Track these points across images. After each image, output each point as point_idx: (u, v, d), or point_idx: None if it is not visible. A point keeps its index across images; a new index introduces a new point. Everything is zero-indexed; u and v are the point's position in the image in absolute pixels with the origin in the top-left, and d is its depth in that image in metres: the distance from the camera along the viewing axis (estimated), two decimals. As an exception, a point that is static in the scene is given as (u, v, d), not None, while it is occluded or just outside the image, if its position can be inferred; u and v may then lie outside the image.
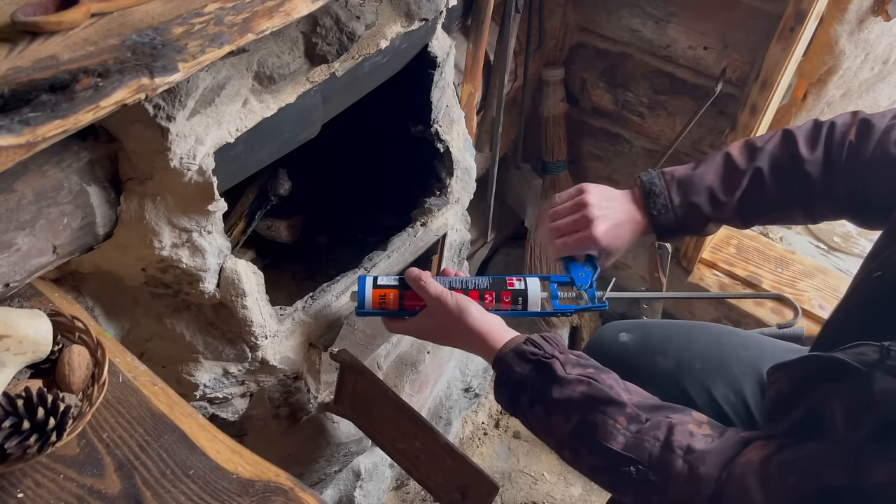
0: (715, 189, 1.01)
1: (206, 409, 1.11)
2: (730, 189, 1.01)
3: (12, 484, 0.68)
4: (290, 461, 1.28)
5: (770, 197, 1.00)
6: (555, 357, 0.88)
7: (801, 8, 1.46)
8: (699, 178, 1.02)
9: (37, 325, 0.73)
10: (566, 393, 0.84)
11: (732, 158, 1.02)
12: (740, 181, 1.00)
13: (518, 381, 0.88)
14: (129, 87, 0.63)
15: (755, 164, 1.00)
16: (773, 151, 1.00)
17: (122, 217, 0.85)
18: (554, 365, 0.86)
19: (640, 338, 1.17)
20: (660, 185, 1.03)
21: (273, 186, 1.26)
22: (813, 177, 0.97)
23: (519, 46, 1.71)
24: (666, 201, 1.02)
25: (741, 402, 1.07)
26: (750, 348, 1.12)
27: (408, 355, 1.48)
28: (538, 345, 0.90)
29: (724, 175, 1.01)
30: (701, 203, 1.01)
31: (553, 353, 0.88)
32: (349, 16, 0.94)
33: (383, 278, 1.06)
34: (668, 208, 1.02)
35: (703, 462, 0.75)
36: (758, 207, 1.02)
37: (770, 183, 0.99)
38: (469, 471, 1.10)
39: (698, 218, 1.03)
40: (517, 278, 1.05)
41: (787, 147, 1.00)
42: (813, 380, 0.73)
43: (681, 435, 0.77)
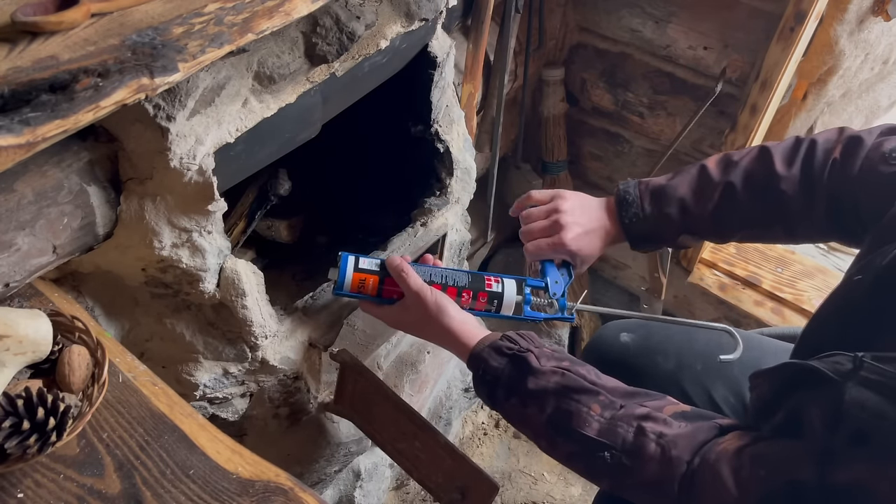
0: (687, 200, 1.02)
1: (206, 409, 1.11)
2: (701, 201, 1.01)
3: (12, 484, 0.68)
4: (290, 461, 1.28)
5: (744, 212, 1.00)
6: (530, 350, 0.89)
7: (801, 8, 1.46)
8: (672, 189, 1.03)
9: (37, 325, 0.73)
10: (541, 384, 0.86)
11: (707, 171, 1.03)
12: (712, 194, 1.01)
13: (494, 375, 0.89)
14: (129, 87, 0.64)
15: (728, 178, 1.00)
16: (748, 167, 1.00)
17: (122, 217, 0.85)
18: (529, 358, 0.88)
19: (641, 338, 1.17)
20: (634, 193, 1.04)
21: (273, 186, 1.26)
22: (789, 194, 0.97)
23: (519, 46, 1.71)
24: (638, 210, 1.03)
25: (740, 403, 1.08)
26: (751, 349, 1.12)
27: (408, 355, 1.48)
28: (513, 340, 0.91)
29: (697, 187, 1.02)
30: (672, 213, 1.02)
31: (528, 347, 0.90)
32: (349, 16, 0.94)
33: (365, 260, 1.05)
34: (640, 217, 1.03)
35: (675, 445, 0.76)
36: (732, 222, 1.02)
37: (743, 198, 0.99)
38: (469, 471, 1.10)
39: (670, 228, 1.03)
40: (495, 279, 1.06)
41: (763, 163, 0.99)
42: (791, 386, 0.74)
43: (654, 420, 0.79)
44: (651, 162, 1.92)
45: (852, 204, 0.93)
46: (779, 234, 1.04)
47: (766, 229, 1.03)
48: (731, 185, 1.00)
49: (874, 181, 0.90)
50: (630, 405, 0.82)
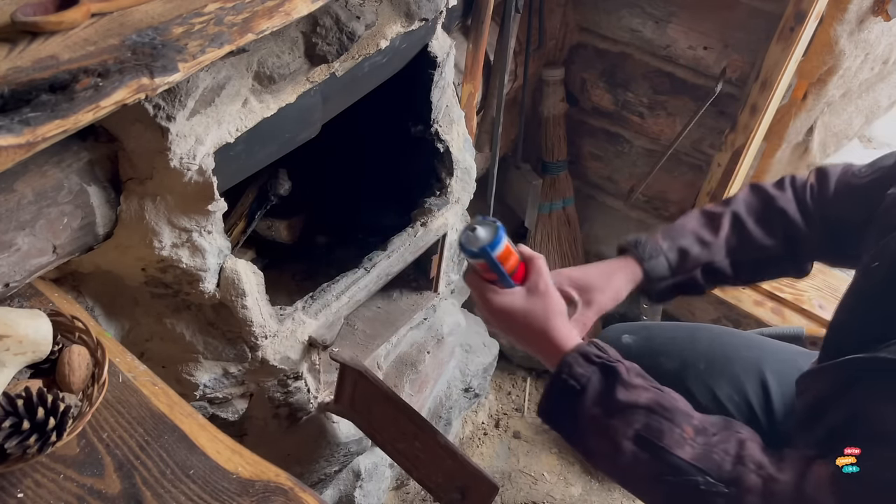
0: (699, 232, 1.03)
1: (206, 409, 1.11)
2: (713, 229, 1.03)
3: (12, 484, 0.68)
4: (290, 461, 1.28)
5: (754, 238, 1.03)
6: (620, 362, 0.85)
7: (801, 8, 1.46)
8: (680, 226, 1.05)
9: (37, 325, 0.73)
10: (631, 397, 0.81)
11: (706, 209, 1.06)
12: (720, 222, 1.03)
13: (580, 381, 0.84)
14: (129, 87, 0.63)
15: (731, 209, 1.04)
16: (744, 198, 1.05)
17: (122, 217, 0.85)
18: (619, 368, 0.84)
19: (644, 339, 1.17)
20: (644, 239, 1.04)
21: (273, 186, 1.26)
22: (790, 214, 1.02)
23: (519, 46, 1.71)
24: (655, 247, 1.03)
25: (744, 401, 1.08)
26: (752, 348, 1.12)
27: (408, 355, 1.48)
28: (602, 349, 0.86)
29: (705, 220, 1.05)
30: (688, 245, 1.02)
31: (618, 358, 0.86)
32: (349, 16, 0.93)
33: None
34: (659, 251, 1.02)
35: (777, 480, 0.74)
36: (745, 251, 1.03)
37: (750, 224, 1.03)
38: (469, 471, 1.10)
39: (691, 262, 1.03)
40: None
41: (757, 193, 1.05)
42: (851, 383, 0.73)
43: (752, 450, 0.77)
44: (651, 162, 1.92)
45: (841, 221, 0.98)
46: (788, 266, 1.06)
47: (778, 260, 1.04)
48: (735, 213, 1.04)
49: (850, 194, 0.98)
50: (724, 433, 0.79)
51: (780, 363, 1.12)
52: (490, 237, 0.84)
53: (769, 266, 1.06)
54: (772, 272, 1.08)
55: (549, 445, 1.91)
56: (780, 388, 1.10)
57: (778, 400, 1.09)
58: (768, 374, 1.10)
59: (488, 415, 1.97)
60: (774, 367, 1.11)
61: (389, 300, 1.45)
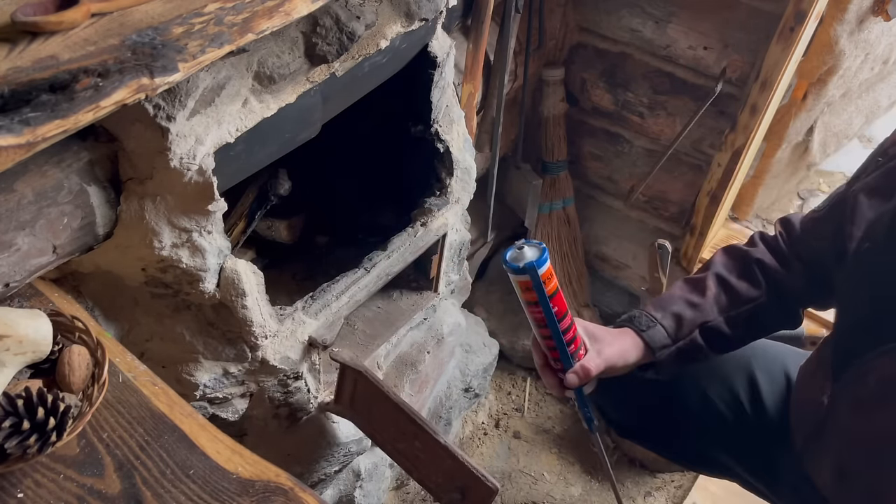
0: (686, 296, 1.07)
1: (206, 409, 1.11)
2: (700, 292, 1.07)
3: (12, 484, 0.68)
4: (290, 461, 1.28)
5: (740, 292, 1.06)
6: None
7: (801, 8, 1.46)
8: (668, 297, 1.09)
9: (37, 325, 0.73)
10: None
11: (688, 278, 1.11)
12: (705, 284, 1.07)
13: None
14: (129, 87, 0.63)
15: (711, 271, 1.09)
16: (721, 260, 1.10)
17: (122, 217, 0.85)
18: None
19: None
20: (637, 312, 1.07)
21: (273, 186, 1.26)
22: (766, 262, 1.06)
23: (519, 46, 1.71)
24: (648, 318, 1.05)
25: (734, 399, 1.09)
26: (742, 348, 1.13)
27: (408, 355, 1.48)
28: None
29: (689, 287, 1.09)
30: (680, 310, 1.05)
31: None
32: (349, 16, 0.93)
33: None
34: (654, 321, 1.05)
35: None
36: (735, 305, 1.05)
37: (733, 280, 1.06)
38: (469, 471, 1.10)
39: (687, 326, 1.04)
40: None
41: (731, 252, 1.10)
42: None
43: None
44: (651, 162, 1.92)
45: (816, 259, 1.03)
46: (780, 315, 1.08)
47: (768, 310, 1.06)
48: (716, 274, 1.08)
49: (814, 229, 1.05)
50: None
51: (769, 361, 1.13)
52: (536, 256, 0.89)
53: (762, 319, 1.07)
54: (766, 325, 1.09)
55: (549, 445, 1.91)
56: (770, 386, 1.10)
57: (768, 398, 1.10)
58: (757, 372, 1.11)
59: (488, 415, 1.97)
60: (763, 365, 1.12)
61: (389, 300, 1.45)
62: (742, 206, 2.08)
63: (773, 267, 1.06)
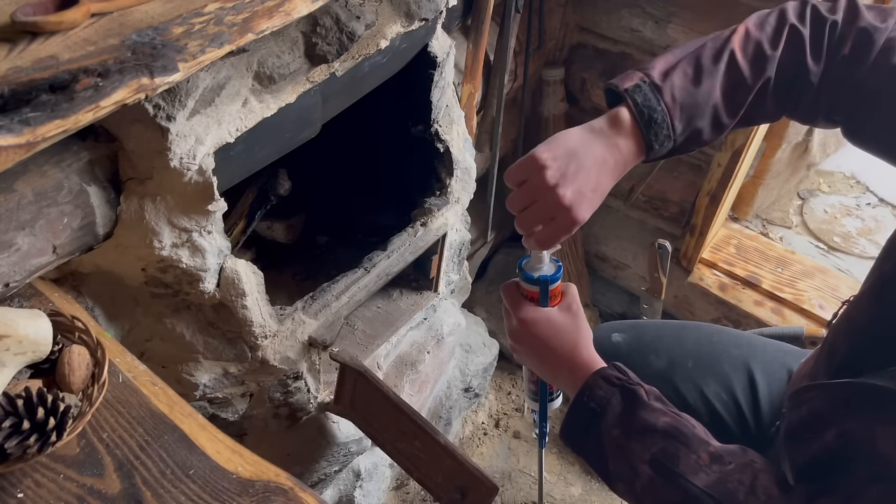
0: (720, 110, 0.85)
1: (206, 408, 1.11)
2: (734, 109, 0.86)
3: (12, 484, 0.68)
4: (290, 461, 1.28)
5: (766, 110, 0.88)
6: (640, 385, 0.84)
7: (801, 8, 1.46)
8: (704, 98, 0.84)
9: (37, 325, 0.73)
10: (650, 420, 0.80)
11: (739, 68, 0.84)
12: (745, 98, 0.85)
13: (600, 404, 0.83)
14: (129, 87, 0.64)
15: (763, 77, 0.84)
16: (783, 60, 0.84)
17: (122, 217, 0.85)
18: (639, 391, 0.83)
19: (633, 337, 1.18)
20: (660, 110, 0.82)
21: (273, 186, 1.26)
22: (813, 88, 0.85)
23: (519, 46, 1.71)
24: (669, 131, 0.83)
25: (732, 399, 1.09)
26: (741, 346, 1.13)
27: (408, 355, 1.48)
28: (623, 371, 0.86)
29: (730, 92, 0.85)
30: (703, 128, 0.85)
31: (638, 381, 0.85)
32: (349, 16, 0.94)
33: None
34: (671, 138, 0.84)
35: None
36: (750, 120, 0.89)
37: (771, 98, 0.86)
38: (469, 471, 1.10)
39: (694, 143, 0.88)
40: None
41: (795, 55, 0.84)
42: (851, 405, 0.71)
43: (764, 481, 0.75)
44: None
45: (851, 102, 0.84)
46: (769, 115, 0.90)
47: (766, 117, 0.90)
48: (765, 84, 0.85)
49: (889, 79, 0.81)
50: (739, 462, 0.78)
51: (767, 360, 1.13)
52: (553, 270, 0.89)
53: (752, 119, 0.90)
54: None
55: (549, 445, 1.91)
56: (768, 385, 1.10)
57: (765, 398, 1.10)
58: (756, 371, 1.10)
59: (488, 415, 1.97)
60: (762, 364, 1.12)
61: (389, 300, 1.45)
62: (742, 206, 2.08)
63: (812, 93, 0.85)
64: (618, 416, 0.82)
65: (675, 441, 0.78)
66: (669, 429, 0.79)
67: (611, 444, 0.82)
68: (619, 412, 0.82)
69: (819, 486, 0.72)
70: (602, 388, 0.83)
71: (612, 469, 0.83)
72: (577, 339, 0.89)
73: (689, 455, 0.77)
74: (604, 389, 0.83)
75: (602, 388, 0.83)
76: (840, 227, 2.21)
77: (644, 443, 0.80)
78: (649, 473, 0.79)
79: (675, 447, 0.78)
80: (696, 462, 0.77)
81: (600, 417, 0.83)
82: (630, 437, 0.81)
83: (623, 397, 0.82)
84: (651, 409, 0.81)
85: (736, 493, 0.74)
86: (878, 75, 0.81)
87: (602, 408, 0.82)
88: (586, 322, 0.91)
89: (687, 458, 0.77)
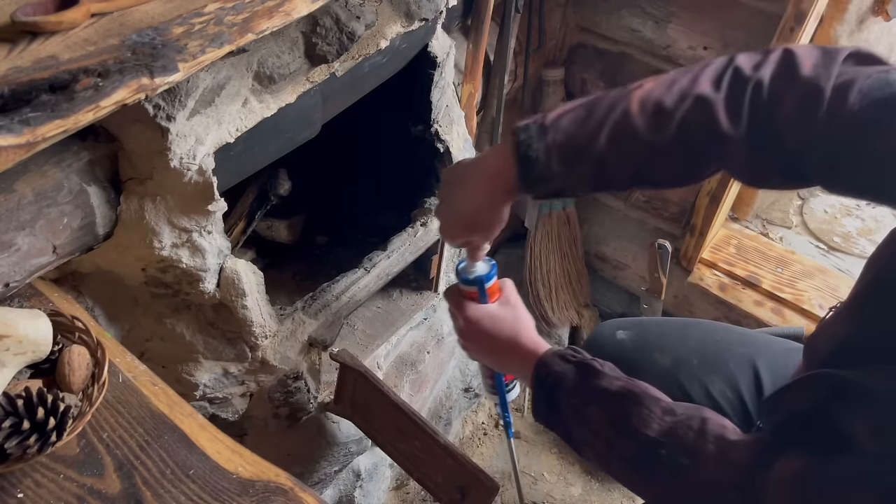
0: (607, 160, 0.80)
1: (206, 408, 1.11)
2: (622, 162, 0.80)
3: (12, 484, 0.68)
4: (290, 461, 1.28)
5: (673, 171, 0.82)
6: (594, 360, 0.90)
7: (801, 8, 1.46)
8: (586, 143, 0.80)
9: (37, 325, 0.73)
10: (604, 385, 0.86)
11: (633, 123, 0.78)
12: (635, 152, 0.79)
13: (558, 378, 0.89)
14: (129, 87, 0.64)
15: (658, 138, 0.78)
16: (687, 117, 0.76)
17: (122, 217, 0.85)
18: (593, 364, 0.89)
19: (637, 335, 1.18)
20: (537, 149, 0.81)
21: (273, 186, 1.26)
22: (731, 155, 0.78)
23: (519, 46, 1.71)
24: (544, 170, 0.81)
25: (737, 397, 1.09)
26: (745, 344, 1.13)
27: (408, 355, 1.48)
28: (577, 350, 0.92)
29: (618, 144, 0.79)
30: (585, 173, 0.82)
31: (592, 357, 0.90)
32: (349, 16, 0.94)
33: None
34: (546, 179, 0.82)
35: (734, 448, 0.76)
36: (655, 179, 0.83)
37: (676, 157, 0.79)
38: (469, 471, 1.10)
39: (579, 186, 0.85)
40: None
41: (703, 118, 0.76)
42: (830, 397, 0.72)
43: (714, 426, 0.79)
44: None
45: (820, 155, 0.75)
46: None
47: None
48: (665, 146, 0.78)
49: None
50: (690, 412, 0.81)
51: (773, 358, 1.13)
52: (486, 270, 0.97)
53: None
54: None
55: (549, 445, 1.91)
56: (773, 384, 1.10)
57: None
58: (762, 367, 1.10)
59: (488, 415, 1.97)
60: (768, 360, 1.12)
61: (389, 300, 1.45)
62: (742, 206, 2.08)
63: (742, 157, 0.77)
64: (575, 386, 0.87)
65: (628, 401, 0.83)
66: (623, 391, 0.84)
67: (571, 412, 0.87)
68: (576, 383, 0.87)
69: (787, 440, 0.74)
70: (559, 365, 0.89)
71: (576, 436, 0.88)
72: (518, 328, 0.96)
73: (641, 410, 0.81)
74: (560, 366, 0.89)
75: (559, 364, 0.89)
76: (840, 227, 2.21)
77: (600, 405, 0.85)
78: (607, 433, 0.84)
79: (628, 406, 0.82)
80: (647, 415, 0.81)
81: (558, 390, 0.88)
82: (588, 403, 0.86)
83: (578, 370, 0.88)
84: (605, 377, 0.86)
85: (685, 437, 0.78)
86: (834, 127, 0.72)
87: (559, 381, 0.88)
88: (525, 311, 0.98)
89: (640, 414, 0.81)
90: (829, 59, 0.74)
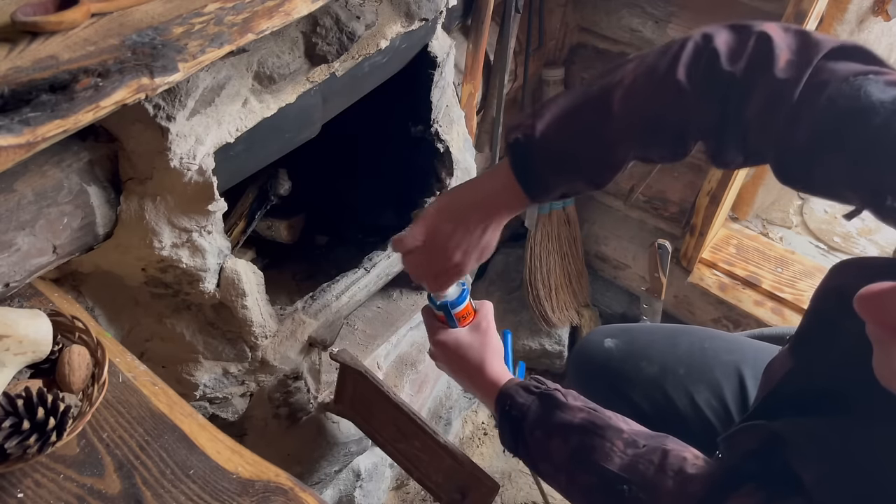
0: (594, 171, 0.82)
1: (206, 408, 1.11)
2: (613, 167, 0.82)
3: (12, 484, 0.68)
4: (290, 461, 1.28)
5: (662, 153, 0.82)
6: (557, 389, 0.89)
7: (801, 8, 1.46)
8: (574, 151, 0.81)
9: (37, 325, 0.73)
10: (566, 418, 0.86)
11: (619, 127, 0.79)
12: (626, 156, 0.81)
13: (521, 410, 0.89)
14: (129, 87, 0.64)
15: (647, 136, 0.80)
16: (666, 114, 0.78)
17: (122, 217, 0.85)
18: (555, 395, 0.88)
19: (625, 343, 1.17)
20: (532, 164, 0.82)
21: (273, 186, 1.26)
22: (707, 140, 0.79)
23: (519, 46, 1.71)
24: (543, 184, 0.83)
25: (722, 406, 1.08)
26: (733, 352, 1.12)
27: (408, 355, 1.48)
28: (541, 381, 0.92)
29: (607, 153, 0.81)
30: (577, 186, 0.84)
31: (556, 386, 0.90)
32: (349, 16, 0.94)
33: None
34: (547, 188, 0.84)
35: (692, 482, 0.76)
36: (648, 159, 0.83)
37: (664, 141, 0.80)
38: (469, 471, 1.10)
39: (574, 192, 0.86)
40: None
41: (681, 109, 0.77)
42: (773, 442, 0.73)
43: (674, 459, 0.79)
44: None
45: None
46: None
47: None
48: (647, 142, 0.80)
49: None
50: (652, 444, 0.81)
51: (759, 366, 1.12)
52: (456, 294, 0.98)
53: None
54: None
55: (549, 445, 1.91)
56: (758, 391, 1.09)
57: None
58: (747, 376, 1.10)
59: (488, 415, 1.97)
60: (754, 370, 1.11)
61: (389, 300, 1.45)
62: (742, 206, 2.08)
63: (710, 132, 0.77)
64: (537, 418, 0.88)
65: (590, 434, 0.83)
66: (585, 423, 0.84)
67: (534, 445, 0.88)
68: (538, 415, 0.88)
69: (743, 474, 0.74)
70: (521, 397, 0.90)
71: (541, 469, 0.89)
72: (482, 357, 0.97)
73: (603, 444, 0.82)
74: (523, 397, 0.90)
75: (522, 396, 0.90)
76: (840, 228, 2.21)
77: (562, 439, 0.85)
78: (568, 467, 0.84)
79: (590, 439, 0.83)
80: (610, 449, 0.81)
81: (522, 423, 0.89)
82: (550, 436, 0.86)
83: (541, 402, 0.89)
84: (568, 409, 0.86)
85: (646, 473, 0.78)
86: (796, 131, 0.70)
87: (523, 414, 0.89)
88: (495, 338, 0.99)
89: (602, 447, 0.82)
90: (807, 54, 0.71)
